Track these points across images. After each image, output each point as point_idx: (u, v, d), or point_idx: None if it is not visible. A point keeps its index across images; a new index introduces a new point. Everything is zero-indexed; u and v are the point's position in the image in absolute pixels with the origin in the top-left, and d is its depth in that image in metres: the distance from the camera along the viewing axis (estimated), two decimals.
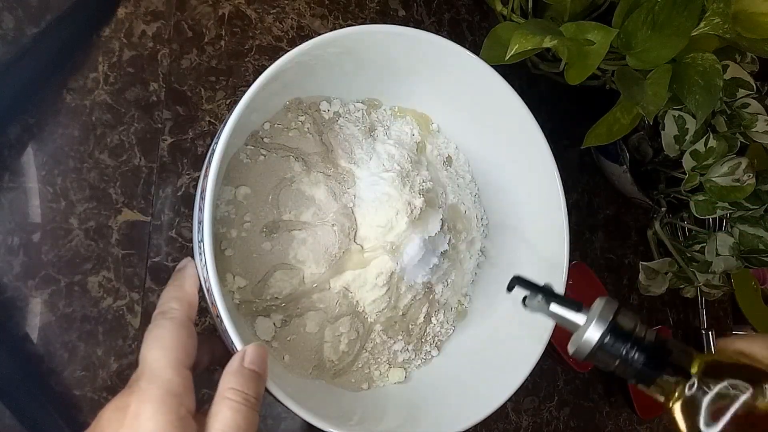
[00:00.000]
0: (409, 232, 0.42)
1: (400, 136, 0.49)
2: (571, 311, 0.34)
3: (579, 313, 0.34)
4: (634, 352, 0.32)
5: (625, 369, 0.33)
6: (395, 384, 0.46)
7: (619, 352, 0.33)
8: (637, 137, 0.65)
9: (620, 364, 0.33)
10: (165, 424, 0.28)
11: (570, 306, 0.34)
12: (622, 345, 0.33)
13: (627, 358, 0.33)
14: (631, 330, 0.33)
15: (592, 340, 0.33)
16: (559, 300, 0.35)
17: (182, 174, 0.46)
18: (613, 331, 0.33)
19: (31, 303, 0.40)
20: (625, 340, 0.33)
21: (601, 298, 0.34)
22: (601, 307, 0.33)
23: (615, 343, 0.33)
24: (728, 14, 0.49)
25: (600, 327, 0.33)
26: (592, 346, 0.33)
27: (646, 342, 0.33)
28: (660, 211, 0.68)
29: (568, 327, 0.35)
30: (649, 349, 0.33)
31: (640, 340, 0.33)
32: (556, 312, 0.35)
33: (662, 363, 0.33)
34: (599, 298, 0.34)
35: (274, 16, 0.51)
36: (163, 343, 0.31)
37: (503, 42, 0.49)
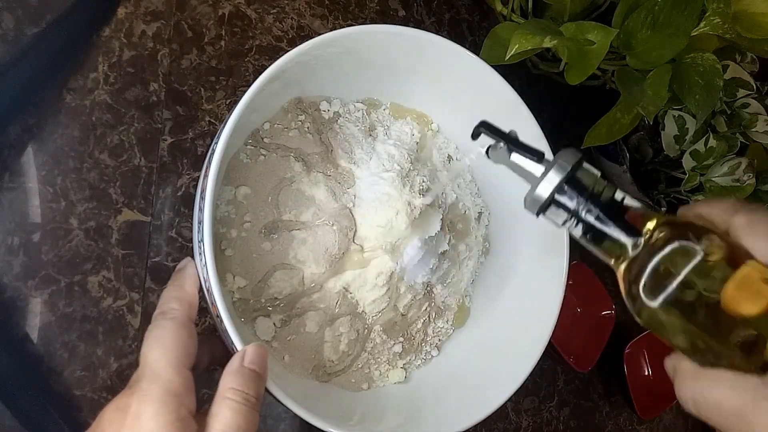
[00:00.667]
0: (409, 232, 0.42)
1: (400, 136, 0.49)
2: (531, 161, 0.32)
3: (538, 164, 0.32)
4: (587, 207, 0.30)
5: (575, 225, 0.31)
6: (395, 384, 0.46)
7: (571, 206, 0.30)
8: (637, 137, 0.65)
9: (571, 218, 0.31)
10: (166, 425, 0.28)
11: (531, 155, 0.32)
12: (576, 199, 0.30)
13: (578, 212, 0.30)
14: (590, 185, 0.31)
15: (543, 193, 0.30)
16: (521, 148, 0.32)
17: (182, 174, 0.46)
18: (568, 183, 0.30)
19: (31, 303, 0.40)
20: (580, 193, 0.30)
21: (564, 149, 0.32)
22: (561, 158, 0.31)
23: (569, 196, 0.30)
24: (728, 14, 0.49)
25: (555, 179, 0.30)
26: (543, 198, 0.31)
27: (601, 198, 0.30)
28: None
29: (528, 179, 0.32)
30: (603, 205, 0.30)
31: (596, 196, 0.30)
32: (517, 162, 0.32)
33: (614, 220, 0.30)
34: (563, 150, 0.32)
35: (274, 16, 0.51)
36: (163, 343, 0.31)
37: (503, 42, 0.49)
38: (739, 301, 0.27)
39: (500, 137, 0.33)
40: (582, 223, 0.31)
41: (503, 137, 0.33)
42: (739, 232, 0.28)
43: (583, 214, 0.30)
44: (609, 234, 0.30)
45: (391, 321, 0.45)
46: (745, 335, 0.27)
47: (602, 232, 0.30)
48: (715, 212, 0.30)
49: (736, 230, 0.29)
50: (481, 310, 0.50)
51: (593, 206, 0.30)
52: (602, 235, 0.30)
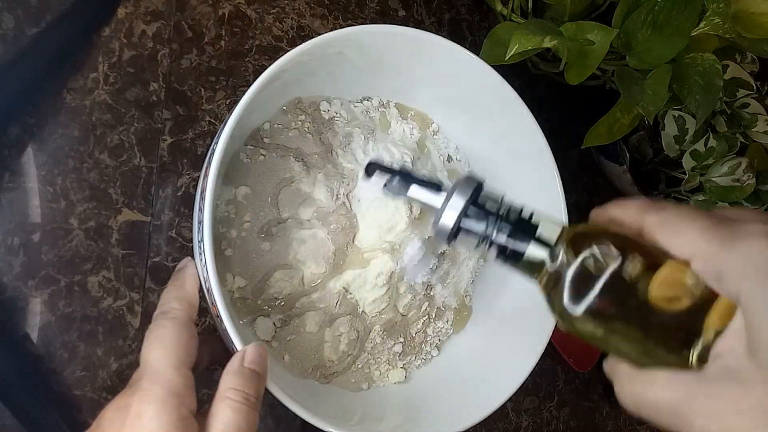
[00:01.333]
0: (409, 232, 0.42)
1: (400, 135, 0.49)
2: (430, 192, 0.32)
3: (438, 194, 0.32)
4: (496, 229, 0.30)
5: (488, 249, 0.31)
6: (395, 384, 0.46)
7: (479, 230, 0.30)
8: (637, 137, 0.65)
9: (483, 242, 0.30)
10: (167, 424, 0.29)
11: (428, 187, 0.32)
12: (484, 222, 0.30)
13: (488, 235, 0.30)
14: (495, 208, 0.31)
15: (448, 223, 0.30)
16: (417, 182, 0.32)
17: (182, 174, 0.46)
18: (472, 210, 0.30)
19: (31, 303, 0.40)
20: (485, 216, 0.30)
21: (461, 176, 0.32)
22: (459, 185, 0.31)
23: (476, 221, 0.30)
24: (728, 14, 0.49)
25: (455, 208, 0.30)
26: (448, 228, 0.30)
27: (509, 217, 0.30)
28: None
29: (429, 211, 0.32)
30: (513, 223, 0.30)
31: (504, 217, 0.30)
32: (415, 196, 0.32)
33: (524, 239, 0.30)
34: (460, 177, 0.32)
35: (274, 16, 0.51)
36: (164, 343, 0.31)
37: (503, 42, 0.49)
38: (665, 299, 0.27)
39: (393, 174, 0.33)
40: (494, 245, 0.31)
41: (396, 174, 0.33)
42: (653, 232, 0.28)
43: (494, 236, 0.30)
44: (523, 252, 0.30)
45: (391, 321, 0.45)
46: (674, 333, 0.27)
47: (516, 252, 0.30)
48: (627, 214, 0.30)
49: (650, 230, 0.28)
50: (481, 310, 0.50)
51: (502, 227, 0.30)
52: (517, 255, 0.30)
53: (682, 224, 0.27)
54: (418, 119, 0.50)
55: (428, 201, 0.32)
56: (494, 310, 0.49)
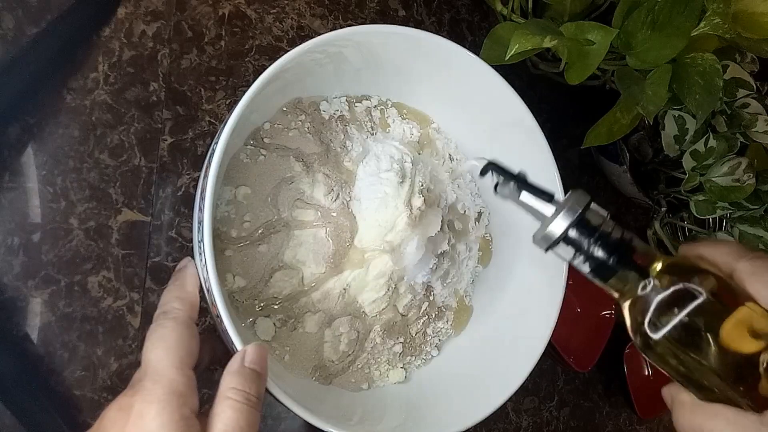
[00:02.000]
0: (409, 232, 0.42)
1: (400, 135, 0.49)
2: (541, 201, 0.33)
3: (549, 204, 0.33)
4: (596, 247, 0.32)
5: (584, 262, 0.32)
6: (395, 384, 0.46)
7: (580, 244, 0.32)
8: (637, 137, 0.65)
9: (580, 257, 0.32)
10: (169, 424, 0.28)
11: (541, 195, 0.33)
12: (586, 239, 0.32)
13: (588, 252, 0.32)
14: (598, 225, 0.32)
15: (556, 231, 0.32)
16: (530, 189, 0.34)
17: (182, 174, 0.46)
18: (579, 224, 0.32)
19: (31, 303, 0.40)
20: (590, 234, 0.32)
21: (574, 190, 0.33)
22: (572, 200, 0.32)
23: (579, 236, 0.32)
24: (728, 14, 0.49)
25: (567, 219, 0.32)
26: (555, 236, 0.32)
27: (610, 238, 0.32)
28: (660, 211, 0.68)
29: (537, 217, 0.34)
30: (612, 245, 0.32)
31: (605, 236, 0.32)
32: (527, 201, 0.34)
33: (622, 260, 0.32)
34: (572, 190, 0.33)
35: (274, 16, 0.51)
36: (166, 343, 0.31)
37: (503, 42, 0.49)
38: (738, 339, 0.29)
39: (510, 177, 0.34)
40: (590, 260, 0.32)
41: (512, 178, 0.34)
42: (744, 278, 0.30)
43: (593, 252, 0.32)
44: (618, 273, 0.32)
45: (391, 321, 0.45)
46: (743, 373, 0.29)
47: (611, 271, 0.32)
48: (718, 255, 0.32)
49: (740, 275, 0.31)
50: (481, 310, 0.50)
51: (603, 246, 0.32)
52: (610, 273, 0.32)
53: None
54: (418, 119, 0.50)
55: (539, 208, 0.33)
56: (494, 310, 0.49)
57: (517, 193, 0.34)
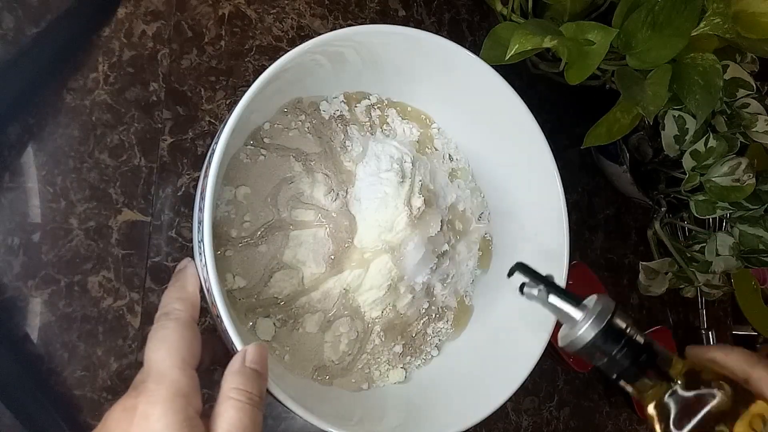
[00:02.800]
0: (409, 232, 0.42)
1: (400, 135, 0.49)
2: (570, 305, 0.35)
3: (577, 308, 0.35)
4: (623, 353, 0.34)
5: (610, 366, 0.34)
6: (395, 384, 0.46)
7: (608, 350, 0.34)
8: (637, 137, 0.65)
9: (607, 362, 0.34)
10: (174, 425, 0.28)
11: (569, 300, 0.35)
12: (613, 345, 0.34)
13: (615, 357, 0.34)
14: (623, 330, 0.34)
15: (586, 337, 0.34)
16: (559, 293, 0.35)
17: (182, 174, 0.46)
18: (607, 331, 0.33)
19: (31, 303, 0.40)
20: (617, 340, 0.34)
21: (600, 297, 0.35)
22: (600, 307, 0.34)
23: (606, 342, 0.34)
24: (728, 14, 0.49)
25: (596, 326, 0.33)
26: (585, 343, 0.34)
27: (635, 344, 0.34)
28: (660, 211, 0.68)
29: (562, 319, 0.35)
30: (637, 351, 0.34)
31: (631, 342, 0.34)
32: (555, 304, 0.35)
33: (647, 365, 0.34)
34: (598, 296, 0.35)
35: (274, 16, 0.51)
36: (168, 344, 0.31)
37: (503, 42, 0.49)
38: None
39: (538, 281, 0.36)
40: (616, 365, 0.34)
41: (541, 281, 0.36)
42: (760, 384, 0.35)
43: (619, 358, 0.34)
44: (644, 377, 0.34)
45: (391, 321, 0.45)
46: None
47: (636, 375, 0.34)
48: (731, 361, 0.36)
49: (757, 383, 0.35)
50: (481, 310, 0.50)
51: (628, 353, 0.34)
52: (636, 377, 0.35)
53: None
54: (417, 119, 0.50)
55: (568, 311, 0.35)
56: (494, 310, 0.49)
57: (546, 294, 0.35)
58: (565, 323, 0.36)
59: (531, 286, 0.36)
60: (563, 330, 0.36)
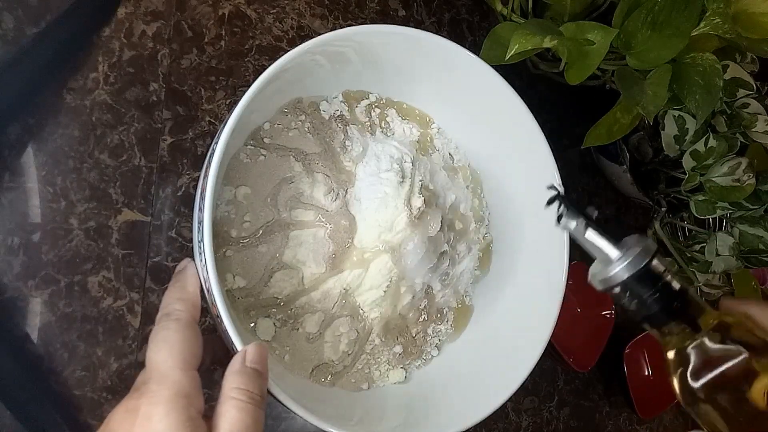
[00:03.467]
0: (409, 232, 0.42)
1: (400, 135, 0.49)
2: (608, 242, 0.33)
3: (614, 247, 0.33)
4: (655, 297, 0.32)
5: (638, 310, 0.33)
6: (395, 384, 0.46)
7: (641, 293, 0.32)
8: (637, 137, 0.65)
9: (636, 304, 0.33)
10: (176, 425, 0.28)
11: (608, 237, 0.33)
12: (647, 288, 0.32)
13: (646, 300, 0.32)
14: (661, 274, 0.32)
15: (620, 277, 0.32)
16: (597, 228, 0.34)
17: (182, 174, 0.46)
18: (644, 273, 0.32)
19: (31, 303, 0.40)
20: (652, 284, 0.32)
21: (640, 237, 0.33)
22: (639, 248, 0.33)
23: (640, 285, 0.32)
24: (728, 14, 0.49)
25: (633, 267, 0.32)
26: (617, 282, 0.32)
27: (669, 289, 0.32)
28: (660, 211, 0.68)
29: (597, 255, 0.34)
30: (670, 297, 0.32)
31: (666, 287, 0.32)
32: (592, 240, 0.34)
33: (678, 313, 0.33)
34: (638, 235, 0.34)
35: (274, 16, 0.51)
36: (170, 345, 0.31)
37: (503, 42, 0.49)
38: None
39: (578, 213, 0.34)
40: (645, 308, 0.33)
41: (582, 214, 0.34)
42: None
43: (649, 302, 0.33)
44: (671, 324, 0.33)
45: (391, 321, 0.45)
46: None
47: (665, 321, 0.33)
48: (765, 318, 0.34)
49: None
50: (481, 310, 0.50)
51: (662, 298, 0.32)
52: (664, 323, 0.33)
53: None
54: (418, 119, 0.50)
55: (604, 249, 0.33)
56: (494, 310, 0.49)
57: (584, 229, 0.34)
58: (598, 260, 0.34)
59: (569, 218, 0.34)
60: (595, 267, 0.34)
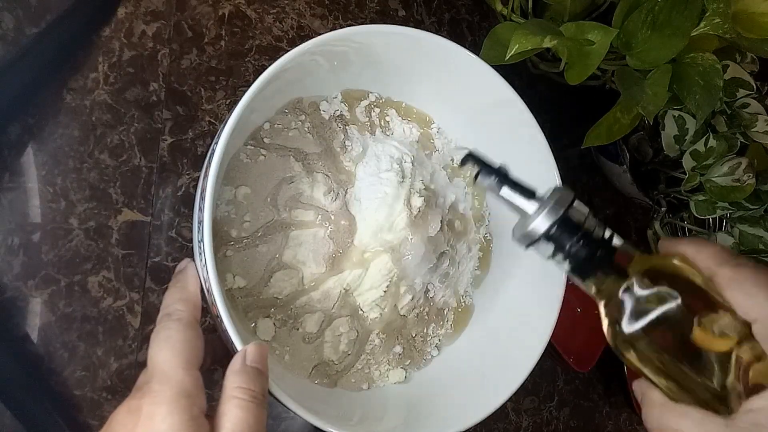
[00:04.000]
0: (409, 232, 0.42)
1: (401, 135, 0.49)
2: (522, 197, 0.33)
3: (531, 201, 0.32)
4: (578, 246, 0.31)
5: (564, 260, 0.32)
6: (395, 384, 0.46)
7: (562, 244, 0.31)
8: (637, 137, 0.65)
9: (560, 255, 0.32)
10: (179, 424, 0.28)
11: (522, 192, 0.33)
12: (568, 238, 0.31)
13: (570, 250, 0.31)
14: (581, 223, 0.32)
15: (538, 230, 0.31)
16: (511, 184, 0.33)
17: (182, 174, 0.46)
18: (562, 222, 0.31)
19: (31, 303, 0.40)
20: (572, 233, 0.31)
21: (557, 188, 0.33)
22: (555, 198, 0.32)
23: (561, 235, 0.31)
24: (728, 14, 0.49)
25: (550, 218, 0.31)
26: (537, 235, 0.32)
27: (592, 237, 0.31)
28: (660, 211, 0.68)
29: (517, 212, 0.33)
30: (593, 245, 0.31)
31: (587, 235, 0.31)
32: (506, 197, 0.33)
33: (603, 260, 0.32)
34: (555, 187, 0.33)
35: (274, 16, 0.51)
36: (172, 345, 0.31)
37: (503, 42, 0.49)
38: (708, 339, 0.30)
39: (490, 171, 0.33)
40: (570, 259, 0.32)
41: (493, 172, 0.33)
42: (723, 285, 0.31)
43: (574, 251, 0.31)
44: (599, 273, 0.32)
45: (391, 321, 0.45)
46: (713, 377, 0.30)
47: (591, 270, 0.32)
48: (700, 257, 0.32)
49: (720, 281, 0.31)
50: (482, 310, 0.50)
51: (585, 245, 0.31)
52: (591, 272, 0.32)
53: (754, 287, 0.30)
54: (417, 119, 0.50)
55: (520, 205, 0.33)
56: (494, 310, 0.49)
57: (498, 187, 0.33)
58: (520, 217, 0.33)
59: (484, 177, 0.33)
60: (517, 225, 0.33)
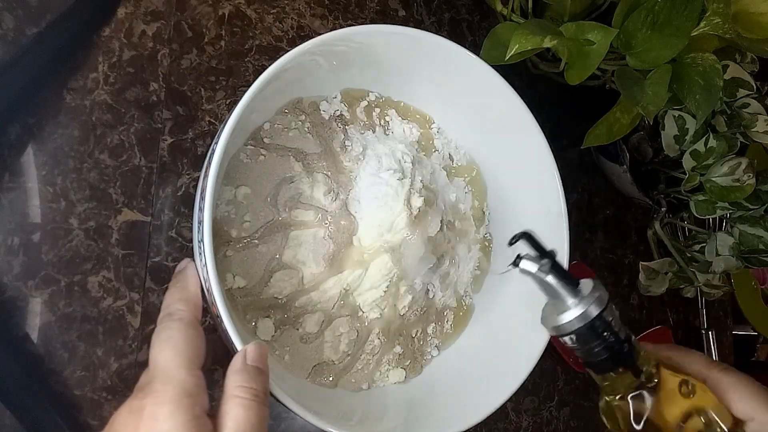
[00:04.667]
0: (409, 232, 0.42)
1: (401, 135, 0.49)
2: (566, 289, 0.34)
3: (571, 294, 0.34)
4: (601, 348, 0.33)
5: (586, 356, 0.34)
6: (395, 384, 0.46)
7: (589, 341, 0.34)
8: (637, 137, 0.65)
9: (584, 352, 0.34)
10: (182, 424, 0.28)
11: (567, 283, 0.34)
12: (595, 338, 0.33)
13: (593, 349, 0.34)
14: (609, 324, 0.33)
15: (572, 327, 0.33)
16: (559, 272, 0.34)
17: (182, 174, 0.46)
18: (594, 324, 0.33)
19: (31, 303, 0.40)
20: (600, 334, 0.33)
21: (596, 285, 0.34)
22: (593, 297, 0.33)
23: (589, 335, 0.33)
24: (728, 14, 0.49)
25: (585, 318, 0.33)
26: (570, 330, 0.33)
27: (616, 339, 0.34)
28: (660, 211, 0.68)
29: (552, 297, 0.34)
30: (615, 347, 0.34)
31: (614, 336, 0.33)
32: (551, 283, 0.34)
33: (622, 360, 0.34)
34: (594, 283, 0.34)
35: (274, 16, 0.51)
36: (174, 344, 0.31)
37: (503, 42, 0.49)
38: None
39: (543, 256, 0.34)
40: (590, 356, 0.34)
41: (545, 255, 0.34)
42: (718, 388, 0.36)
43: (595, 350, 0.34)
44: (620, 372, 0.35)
45: (391, 321, 0.45)
46: None
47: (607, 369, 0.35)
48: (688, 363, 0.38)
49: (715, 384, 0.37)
50: (482, 310, 0.50)
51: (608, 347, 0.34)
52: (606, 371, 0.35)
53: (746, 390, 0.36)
54: (417, 119, 0.50)
55: (562, 295, 0.34)
56: (494, 310, 0.49)
57: (547, 272, 0.34)
58: (551, 302, 0.34)
59: (530, 260, 0.34)
60: (547, 308, 0.35)
